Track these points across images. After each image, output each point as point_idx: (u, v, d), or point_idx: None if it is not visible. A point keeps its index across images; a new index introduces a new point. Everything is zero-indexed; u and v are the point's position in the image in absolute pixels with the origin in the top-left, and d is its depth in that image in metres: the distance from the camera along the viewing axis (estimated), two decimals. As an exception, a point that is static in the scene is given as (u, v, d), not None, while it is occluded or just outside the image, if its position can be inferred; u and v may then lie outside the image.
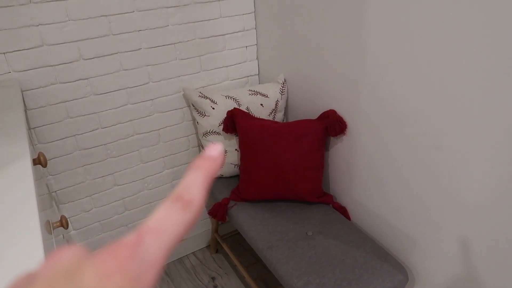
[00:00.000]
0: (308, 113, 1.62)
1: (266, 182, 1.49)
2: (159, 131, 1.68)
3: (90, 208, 1.65)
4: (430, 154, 1.14)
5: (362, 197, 1.47)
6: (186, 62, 1.64)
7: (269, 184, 1.49)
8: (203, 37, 1.64)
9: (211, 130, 1.62)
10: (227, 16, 1.66)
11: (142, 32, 1.49)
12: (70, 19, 1.35)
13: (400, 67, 1.14)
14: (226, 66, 1.75)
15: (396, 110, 1.20)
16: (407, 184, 1.25)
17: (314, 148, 1.45)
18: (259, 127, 1.49)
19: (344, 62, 1.34)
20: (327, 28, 1.36)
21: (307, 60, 1.52)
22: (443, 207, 1.16)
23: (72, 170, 1.55)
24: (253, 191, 1.52)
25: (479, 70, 0.94)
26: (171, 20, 1.54)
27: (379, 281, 1.21)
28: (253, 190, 1.52)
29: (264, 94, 1.65)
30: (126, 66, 1.51)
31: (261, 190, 1.51)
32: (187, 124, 1.75)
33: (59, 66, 1.38)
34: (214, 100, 1.61)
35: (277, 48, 1.67)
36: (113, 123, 1.56)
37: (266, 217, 1.48)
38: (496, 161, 0.97)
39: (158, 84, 1.60)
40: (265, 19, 1.68)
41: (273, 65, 1.75)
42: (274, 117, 1.68)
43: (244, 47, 1.77)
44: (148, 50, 1.53)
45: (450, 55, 0.99)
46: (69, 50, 1.38)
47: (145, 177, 1.73)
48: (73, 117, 1.47)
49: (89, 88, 1.47)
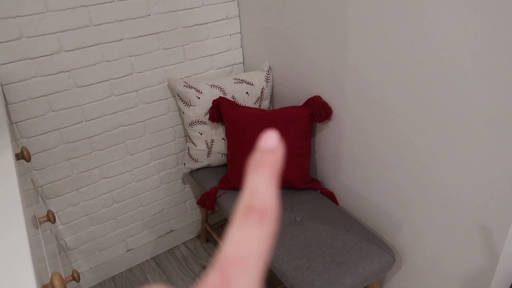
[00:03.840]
0: (293, 100, 1.63)
1: (254, 170, 1.49)
2: (145, 122, 1.67)
3: (77, 202, 1.64)
4: (414, 137, 1.16)
5: (349, 181, 1.48)
6: (169, 52, 1.62)
7: (257, 172, 1.49)
8: (186, 26, 1.62)
9: (197, 119, 1.61)
10: (209, 4, 1.64)
11: (123, 22, 1.47)
12: (49, 10, 1.32)
13: (382, 53, 1.15)
14: (211, 55, 1.74)
15: (379, 95, 1.21)
16: (393, 167, 1.27)
17: (301, 134, 1.46)
18: (245, 115, 1.48)
19: (328, 48, 1.34)
20: (310, 14, 1.36)
21: (291, 47, 1.52)
22: (428, 188, 1.18)
23: (57, 164, 1.53)
24: (242, 179, 1.53)
25: (462, 56, 0.95)
26: (153, 9, 1.51)
27: (368, 262, 1.23)
28: (241, 178, 1.52)
29: (250, 82, 1.64)
30: (109, 57, 1.49)
31: (249, 178, 1.51)
32: (173, 114, 1.74)
33: (40, 58, 1.35)
34: (199, 89, 1.60)
35: (261, 36, 1.66)
36: (97, 116, 1.54)
37: (255, 204, 1.48)
38: (476, 143, 0.99)
39: (142, 75, 1.59)
40: (248, 6, 1.66)
41: (257, 53, 1.74)
42: (260, 105, 1.68)
43: (228, 35, 1.76)
44: (130, 40, 1.51)
45: (433, 42, 1.00)
46: (49, 42, 1.35)
47: (132, 169, 1.72)
48: (56, 110, 1.45)
49: (71, 81, 1.44)
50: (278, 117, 1.46)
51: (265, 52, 1.69)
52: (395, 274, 1.44)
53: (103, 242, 1.79)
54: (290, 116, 1.46)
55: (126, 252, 1.89)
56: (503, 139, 0.93)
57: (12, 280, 0.56)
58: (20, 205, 0.72)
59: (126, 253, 1.89)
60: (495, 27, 0.86)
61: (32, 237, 0.73)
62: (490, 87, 0.92)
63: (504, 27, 0.85)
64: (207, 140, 1.65)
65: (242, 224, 0.17)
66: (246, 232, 0.17)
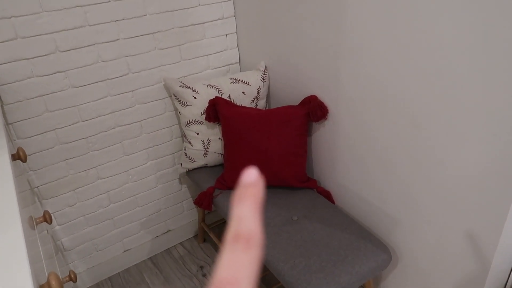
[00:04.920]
0: (290, 100, 1.63)
1: (250, 170, 1.50)
2: (141, 122, 1.67)
3: (74, 203, 1.64)
4: (410, 136, 1.16)
5: (345, 180, 1.49)
6: (165, 52, 1.62)
7: (253, 172, 1.50)
8: (182, 26, 1.62)
9: (193, 119, 1.62)
10: (205, 4, 1.64)
11: (119, 22, 1.47)
12: (44, 10, 1.32)
13: (378, 51, 1.15)
14: (207, 55, 1.74)
15: (375, 94, 1.22)
16: (389, 166, 1.28)
17: (297, 133, 1.46)
18: (242, 115, 1.49)
19: (323, 48, 1.35)
20: (305, 14, 1.36)
21: (287, 46, 1.52)
22: (424, 188, 1.18)
23: (53, 164, 1.53)
24: (238, 178, 1.53)
25: (458, 52, 0.96)
26: (149, 9, 1.51)
27: (364, 261, 1.23)
28: (238, 177, 1.53)
29: (246, 82, 1.64)
30: (104, 57, 1.48)
31: (246, 177, 1.52)
32: (170, 114, 1.74)
33: (35, 59, 1.35)
34: (195, 89, 1.60)
35: (257, 36, 1.67)
36: (93, 116, 1.54)
37: (252, 204, 1.49)
38: (475, 143, 1.00)
39: (138, 75, 1.59)
40: (244, 6, 1.67)
41: (253, 53, 1.74)
42: (256, 105, 1.68)
43: (224, 35, 1.76)
44: (126, 40, 1.51)
45: (428, 38, 1.01)
46: (44, 42, 1.35)
47: (129, 169, 1.72)
48: (52, 110, 1.44)
49: (67, 81, 1.44)
50: (274, 116, 1.47)
51: (261, 51, 1.69)
52: (391, 272, 1.45)
53: (99, 242, 1.79)
54: (286, 116, 1.46)
55: (123, 253, 1.89)
56: (500, 142, 0.94)
57: (8, 280, 0.56)
58: (16, 206, 0.72)
59: (123, 254, 1.89)
60: (492, 27, 0.87)
61: (28, 238, 0.73)
62: (487, 86, 0.93)
63: (501, 30, 0.86)
64: (204, 140, 1.65)
65: (232, 249, 0.19)
66: (235, 257, 0.18)
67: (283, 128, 1.45)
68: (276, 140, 1.45)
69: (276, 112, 1.48)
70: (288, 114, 1.47)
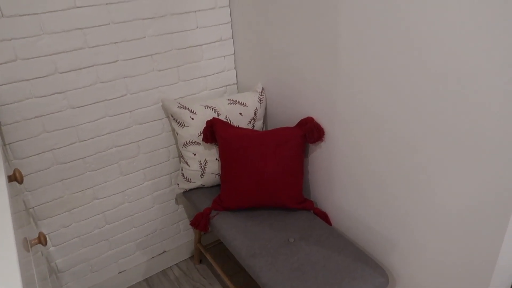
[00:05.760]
0: (286, 121, 1.64)
1: (247, 190, 1.50)
2: (139, 142, 1.68)
3: (69, 223, 1.63)
4: (405, 159, 1.17)
5: (342, 202, 1.49)
6: (164, 73, 1.64)
7: (250, 192, 1.50)
8: (181, 47, 1.64)
9: (191, 140, 1.62)
10: (204, 27, 1.67)
11: (118, 44, 1.49)
12: (44, 33, 1.34)
13: (373, 76, 1.17)
14: (204, 76, 1.76)
15: (370, 118, 1.23)
16: (385, 188, 1.28)
17: (293, 155, 1.47)
18: (239, 136, 1.50)
19: (319, 70, 1.37)
20: (302, 37, 1.39)
21: (283, 68, 1.54)
22: (419, 211, 1.18)
23: (50, 185, 1.52)
24: (235, 199, 1.53)
25: (450, 80, 0.97)
26: (148, 31, 1.54)
27: (361, 284, 1.22)
28: (235, 198, 1.53)
29: (243, 103, 1.66)
30: (103, 78, 1.50)
31: (243, 198, 1.52)
32: (167, 134, 1.74)
33: (34, 80, 1.36)
34: (193, 110, 1.61)
35: (254, 57, 1.69)
36: (91, 136, 1.55)
37: (248, 225, 1.48)
38: (470, 169, 1.00)
39: (136, 96, 1.60)
40: (242, 28, 1.70)
41: (251, 74, 1.76)
42: (253, 126, 1.70)
43: (222, 57, 1.79)
44: (125, 62, 1.53)
45: (421, 66, 1.03)
46: (44, 64, 1.36)
47: (125, 189, 1.72)
48: (50, 131, 1.45)
49: (65, 102, 1.45)
50: (271, 138, 1.47)
51: (258, 73, 1.71)
52: (389, 295, 1.43)
53: (95, 263, 1.77)
54: (283, 137, 1.47)
55: (118, 274, 1.86)
56: (496, 168, 0.95)
57: (1, 305, 0.56)
58: (11, 228, 0.71)
59: (118, 275, 1.86)
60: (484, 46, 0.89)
61: (22, 260, 0.73)
62: (480, 113, 0.94)
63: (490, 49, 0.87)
64: (201, 161, 1.65)
65: None
66: None
67: (280, 149, 1.46)
68: (273, 161, 1.46)
69: (273, 133, 1.49)
70: (285, 135, 1.48)
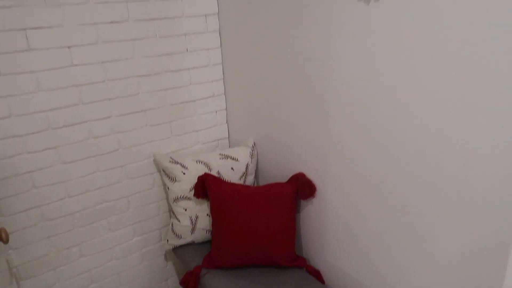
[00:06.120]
0: (278, 176, 1.65)
1: (239, 248, 1.47)
2: (129, 197, 1.65)
3: (53, 283, 1.56)
4: (399, 216, 1.17)
5: (335, 259, 1.47)
6: (156, 128, 1.65)
7: (242, 250, 1.47)
8: (174, 103, 1.67)
9: (182, 195, 1.61)
10: (197, 83, 1.71)
11: (112, 100, 1.51)
12: (40, 90, 1.35)
13: (361, 137, 1.20)
14: (196, 131, 1.78)
15: (364, 175, 1.25)
16: (379, 245, 1.27)
17: (285, 211, 1.46)
18: (231, 192, 1.49)
19: (310, 125, 1.40)
20: (293, 93, 1.43)
21: (275, 124, 1.57)
22: (418, 268, 1.17)
23: (35, 242, 1.47)
24: (226, 257, 1.49)
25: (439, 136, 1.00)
26: (143, 88, 1.57)
27: None
28: (226, 256, 1.49)
29: (235, 158, 1.67)
30: (96, 133, 1.51)
31: (234, 255, 1.48)
32: (158, 189, 1.73)
33: (27, 136, 1.36)
34: (184, 165, 1.61)
35: (246, 112, 1.72)
36: (81, 192, 1.53)
37: (240, 285, 1.44)
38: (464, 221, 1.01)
39: (128, 151, 1.60)
40: (234, 85, 1.74)
41: (242, 129, 1.79)
42: (244, 181, 1.70)
43: (214, 112, 1.82)
44: (118, 117, 1.54)
45: (409, 126, 1.06)
46: (37, 120, 1.37)
47: (113, 246, 1.67)
48: (39, 187, 1.43)
49: (57, 157, 1.44)
50: (263, 194, 1.47)
51: (249, 127, 1.74)
52: None
53: (77, 325, 1.68)
54: (274, 193, 1.47)
55: (102, 336, 1.77)
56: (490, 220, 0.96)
57: None
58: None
59: (102, 337, 1.76)
60: (466, 117, 0.93)
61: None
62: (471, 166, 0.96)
63: (475, 117, 0.91)
64: (192, 216, 1.63)
65: None
66: None
67: (272, 205, 1.45)
68: (265, 218, 1.44)
69: (264, 189, 1.49)
70: (276, 191, 1.48)
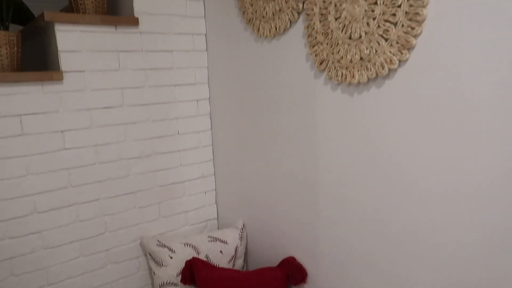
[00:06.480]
0: (268, 259, 1.61)
1: None
2: (112, 283, 1.58)
3: None
4: (392, 306, 1.14)
5: None
6: (145, 210, 1.63)
7: None
8: (163, 184, 1.67)
9: (168, 281, 1.54)
10: (187, 165, 1.73)
11: (102, 182, 1.51)
12: (30, 173, 1.35)
13: (353, 219, 1.21)
14: (185, 212, 1.76)
15: (354, 258, 1.23)
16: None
17: (276, 299, 1.41)
18: (219, 278, 1.44)
19: (300, 208, 1.40)
20: (283, 175, 1.45)
21: (264, 205, 1.57)
22: None
23: (7, 336, 1.37)
24: None
25: (426, 218, 1.02)
26: (132, 170, 1.58)
27: None
28: None
29: (223, 241, 1.64)
30: (82, 217, 1.48)
31: None
32: (143, 274, 1.66)
33: (11, 221, 1.33)
34: (172, 248, 1.57)
35: (236, 193, 1.73)
36: (62, 279, 1.45)
37: None
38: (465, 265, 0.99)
39: (114, 234, 1.56)
40: (224, 166, 1.77)
41: (232, 210, 1.78)
42: (234, 264, 1.65)
43: (203, 192, 1.81)
44: (106, 200, 1.52)
45: (399, 208, 1.07)
46: (23, 204, 1.35)
47: (91, 338, 1.56)
48: (17, 274, 1.36)
49: (40, 242, 1.39)
50: (253, 279, 1.43)
51: (239, 209, 1.73)
52: None
53: None
54: (264, 279, 1.43)
55: None
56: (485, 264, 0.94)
57: None
58: None
59: None
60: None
61: None
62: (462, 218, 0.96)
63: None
64: (178, 304, 1.55)
65: None
66: None
67: (262, 293, 1.40)
68: (255, 306, 1.38)
69: (254, 275, 1.44)
70: (266, 277, 1.43)
